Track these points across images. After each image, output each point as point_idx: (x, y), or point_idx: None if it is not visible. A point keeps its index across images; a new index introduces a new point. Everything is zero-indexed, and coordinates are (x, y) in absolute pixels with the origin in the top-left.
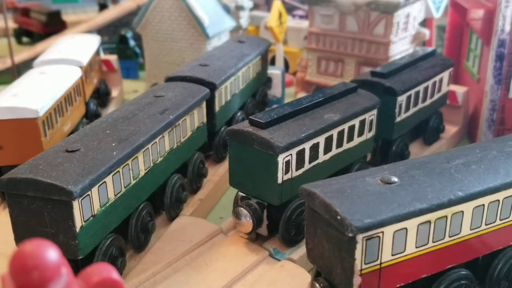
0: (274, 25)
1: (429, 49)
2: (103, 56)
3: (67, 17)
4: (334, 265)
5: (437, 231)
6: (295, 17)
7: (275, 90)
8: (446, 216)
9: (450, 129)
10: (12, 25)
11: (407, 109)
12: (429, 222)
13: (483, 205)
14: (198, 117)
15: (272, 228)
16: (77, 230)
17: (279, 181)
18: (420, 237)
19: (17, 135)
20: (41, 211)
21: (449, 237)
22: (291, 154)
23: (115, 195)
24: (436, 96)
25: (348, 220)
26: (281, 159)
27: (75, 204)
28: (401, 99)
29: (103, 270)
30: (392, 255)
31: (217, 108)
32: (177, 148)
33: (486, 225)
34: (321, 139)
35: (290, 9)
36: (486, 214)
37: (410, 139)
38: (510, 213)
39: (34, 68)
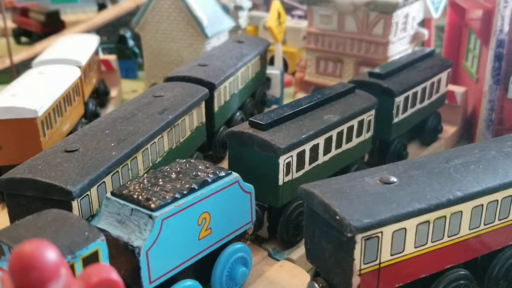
0: (273, 25)
1: (428, 49)
2: (102, 56)
3: (66, 17)
4: (333, 265)
5: (436, 231)
6: (294, 17)
7: (274, 90)
8: (445, 216)
9: (449, 129)
10: (11, 25)
11: (405, 110)
12: (428, 222)
13: (482, 205)
14: (197, 117)
15: (272, 230)
16: None
17: (280, 182)
18: (419, 237)
19: (16, 135)
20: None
21: (448, 237)
22: (291, 156)
23: None
24: (434, 97)
25: (347, 220)
26: (282, 160)
27: (74, 204)
28: (399, 100)
29: (102, 270)
30: (391, 255)
31: (216, 108)
32: (176, 148)
33: (485, 225)
34: (321, 140)
35: (289, 9)
36: (484, 214)
37: (408, 140)
38: (509, 213)
39: (33, 68)
